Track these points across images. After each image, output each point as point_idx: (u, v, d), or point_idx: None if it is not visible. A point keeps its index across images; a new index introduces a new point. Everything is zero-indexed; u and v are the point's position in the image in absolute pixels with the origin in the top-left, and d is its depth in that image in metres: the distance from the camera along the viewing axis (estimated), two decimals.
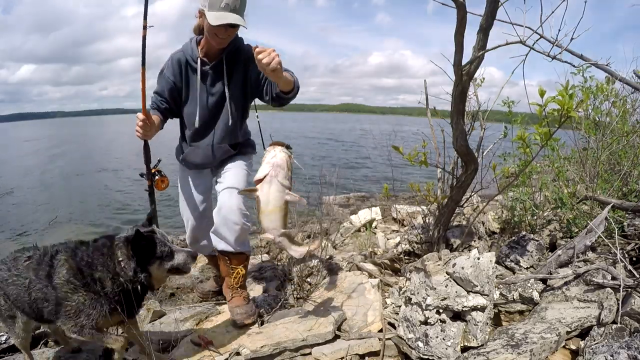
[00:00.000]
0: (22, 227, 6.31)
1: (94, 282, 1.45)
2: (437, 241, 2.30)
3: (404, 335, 1.54)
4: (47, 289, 1.45)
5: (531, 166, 2.49)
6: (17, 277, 1.50)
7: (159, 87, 2.03)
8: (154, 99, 2.04)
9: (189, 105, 2.02)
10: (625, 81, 2.09)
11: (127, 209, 7.70)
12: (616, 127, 2.64)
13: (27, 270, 1.49)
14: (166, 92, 2.00)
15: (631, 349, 1.13)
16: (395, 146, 2.14)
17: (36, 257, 1.51)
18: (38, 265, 1.49)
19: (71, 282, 1.44)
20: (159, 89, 2.02)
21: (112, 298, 1.47)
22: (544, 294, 1.74)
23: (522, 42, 1.66)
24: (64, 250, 1.50)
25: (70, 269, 1.45)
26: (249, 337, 1.77)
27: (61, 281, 1.44)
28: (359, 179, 9.42)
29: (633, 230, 2.08)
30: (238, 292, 1.99)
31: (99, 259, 1.47)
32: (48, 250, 1.53)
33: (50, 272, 1.46)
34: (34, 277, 1.47)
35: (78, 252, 1.49)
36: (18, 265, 1.52)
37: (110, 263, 1.47)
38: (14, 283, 1.50)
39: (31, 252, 1.55)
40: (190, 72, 1.97)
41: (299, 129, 36.00)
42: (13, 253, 1.58)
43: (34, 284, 1.47)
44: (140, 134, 1.82)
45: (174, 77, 1.98)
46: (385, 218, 3.88)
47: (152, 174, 2.06)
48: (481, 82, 2.51)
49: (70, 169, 13.36)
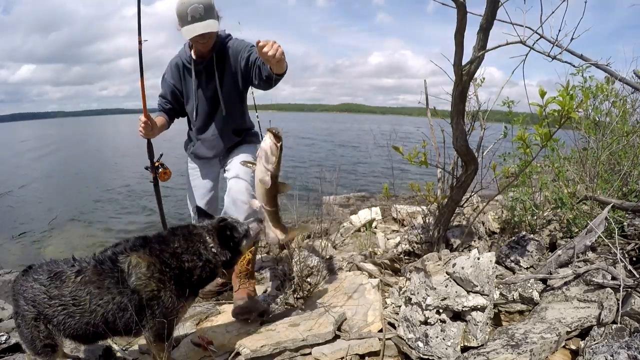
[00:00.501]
0: (21, 227, 6.30)
1: (183, 273, 1.41)
2: (437, 241, 2.30)
3: (404, 335, 1.54)
4: (123, 297, 1.32)
5: (531, 166, 2.49)
6: (71, 296, 1.32)
7: (162, 90, 2.27)
8: (159, 102, 2.30)
9: (189, 103, 2.23)
10: (625, 81, 2.09)
11: (127, 208, 7.70)
12: (616, 127, 2.64)
13: (85, 286, 1.32)
14: (169, 95, 2.25)
15: (631, 349, 1.13)
16: (395, 146, 2.14)
17: (91, 269, 1.35)
18: (99, 276, 1.34)
19: (155, 278, 1.35)
20: (163, 93, 2.27)
21: (196, 284, 1.47)
22: (544, 294, 1.74)
23: (522, 42, 1.66)
24: (129, 250, 1.39)
25: (152, 264, 1.36)
26: (249, 336, 1.76)
27: (142, 281, 1.34)
28: (359, 178, 9.42)
29: (633, 230, 2.08)
30: (245, 283, 2.06)
31: (189, 248, 1.43)
32: (101, 258, 1.39)
33: (122, 277, 1.33)
34: (97, 290, 1.32)
35: (154, 247, 1.41)
36: (67, 281, 1.33)
37: (203, 251, 1.45)
38: (62, 304, 1.32)
39: (76, 265, 1.37)
40: (187, 73, 2.18)
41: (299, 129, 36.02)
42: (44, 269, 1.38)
43: (99, 298, 1.32)
44: (143, 134, 2.06)
45: (173, 80, 2.21)
46: (385, 218, 3.88)
47: (155, 167, 2.27)
48: (481, 82, 2.51)
49: (69, 168, 13.36)
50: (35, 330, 1.34)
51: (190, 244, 1.45)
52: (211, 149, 2.28)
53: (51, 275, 1.35)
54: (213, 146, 2.27)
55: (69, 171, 12.68)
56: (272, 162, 1.49)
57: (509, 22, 1.67)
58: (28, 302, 1.34)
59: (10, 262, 4.42)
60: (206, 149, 2.29)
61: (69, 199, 8.64)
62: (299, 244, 2.81)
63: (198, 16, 1.87)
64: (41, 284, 1.34)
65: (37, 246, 5.33)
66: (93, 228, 6.35)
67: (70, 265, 1.38)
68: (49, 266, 1.40)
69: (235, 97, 2.21)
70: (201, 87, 2.16)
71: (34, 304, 1.33)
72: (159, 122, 2.16)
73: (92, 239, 5.68)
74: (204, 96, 2.18)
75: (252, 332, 1.82)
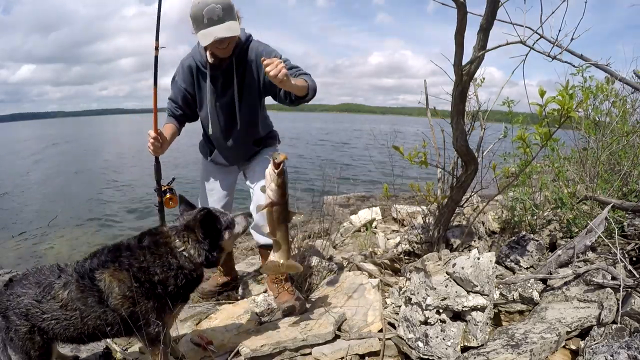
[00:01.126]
0: (21, 227, 6.30)
1: (155, 286, 1.33)
2: (437, 241, 2.30)
3: (404, 335, 1.54)
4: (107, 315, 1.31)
5: (531, 166, 2.49)
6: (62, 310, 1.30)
7: (172, 93, 2.06)
8: (169, 106, 2.08)
9: (203, 111, 2.04)
10: (625, 81, 2.09)
11: (127, 207, 7.70)
12: (616, 127, 2.64)
13: (73, 302, 1.31)
14: (180, 99, 2.03)
15: (631, 349, 1.13)
16: (395, 146, 2.14)
17: (74, 284, 1.32)
18: (82, 293, 1.31)
19: (127, 297, 1.30)
20: (173, 96, 2.05)
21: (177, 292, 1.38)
22: (544, 294, 1.74)
23: (522, 42, 1.66)
24: (102, 266, 1.33)
25: (122, 282, 1.30)
26: (249, 336, 1.76)
27: (118, 300, 1.30)
28: (359, 178, 9.42)
29: (633, 230, 2.08)
30: (284, 286, 2.03)
31: (156, 260, 1.35)
32: (81, 272, 1.34)
33: (101, 296, 1.30)
34: (84, 307, 1.30)
35: (123, 260, 1.33)
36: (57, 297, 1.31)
37: (171, 260, 1.36)
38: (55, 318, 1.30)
39: (62, 277, 1.34)
40: (201, 78, 1.96)
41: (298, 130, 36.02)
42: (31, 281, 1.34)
43: (87, 314, 1.31)
44: (151, 150, 1.85)
45: (185, 84, 1.99)
46: (385, 218, 3.88)
47: (163, 191, 2.01)
48: (481, 82, 2.51)
49: (69, 168, 13.35)
50: (30, 342, 1.33)
51: (157, 256, 1.35)
52: (230, 159, 2.17)
53: (41, 289, 1.32)
54: (230, 156, 2.16)
55: (69, 171, 12.67)
56: (272, 189, 1.46)
57: (509, 22, 1.67)
58: (20, 317, 1.32)
59: (10, 262, 4.42)
60: (224, 159, 2.18)
61: (68, 198, 8.63)
62: (299, 244, 2.81)
63: (216, 18, 1.65)
64: (32, 298, 1.31)
65: (36, 246, 5.33)
66: (93, 228, 6.35)
67: (57, 277, 1.35)
68: (35, 278, 1.36)
69: (255, 106, 2.02)
70: (217, 94, 1.95)
71: (27, 317, 1.31)
72: (168, 133, 1.96)
73: (92, 239, 5.68)
74: (220, 105, 1.98)
75: (252, 331, 1.82)
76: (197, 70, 1.95)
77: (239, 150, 2.12)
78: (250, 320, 1.96)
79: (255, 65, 1.90)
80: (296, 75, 1.81)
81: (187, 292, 1.46)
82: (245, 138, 2.07)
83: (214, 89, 1.94)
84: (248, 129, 2.04)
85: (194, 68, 1.95)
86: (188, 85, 1.99)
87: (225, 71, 1.91)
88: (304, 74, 1.85)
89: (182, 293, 1.43)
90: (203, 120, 2.08)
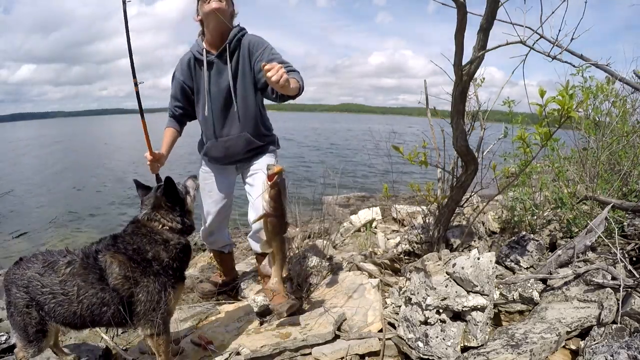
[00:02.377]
0: (21, 227, 6.31)
1: (150, 264, 1.43)
2: (437, 241, 2.30)
3: (404, 335, 1.54)
4: (105, 294, 1.38)
5: (531, 166, 2.49)
6: (60, 285, 1.37)
7: (172, 90, 2.14)
8: (170, 105, 2.16)
9: (200, 98, 2.08)
10: (625, 81, 2.09)
11: (127, 207, 7.70)
12: (616, 127, 2.64)
13: (73, 277, 1.38)
14: (179, 94, 2.11)
15: (631, 349, 1.13)
16: (395, 146, 2.14)
17: (79, 262, 1.41)
18: (84, 269, 1.39)
19: (128, 277, 1.39)
20: (173, 92, 2.13)
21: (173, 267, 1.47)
22: (544, 294, 1.74)
23: (522, 42, 1.66)
24: (105, 249, 1.44)
25: (122, 263, 1.40)
26: (248, 337, 1.77)
27: (119, 280, 1.38)
28: (359, 178, 9.42)
29: (633, 230, 2.08)
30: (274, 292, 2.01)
31: (142, 239, 1.45)
32: (87, 252, 1.44)
33: (102, 275, 1.39)
34: (83, 283, 1.38)
35: (120, 245, 1.44)
36: (58, 271, 1.39)
37: (155, 236, 1.46)
38: (52, 292, 1.37)
39: (68, 257, 1.43)
40: (198, 67, 2.04)
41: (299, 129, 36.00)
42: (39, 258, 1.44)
43: (85, 291, 1.37)
44: (151, 171, 2.01)
45: (183, 77, 2.07)
46: (385, 218, 3.88)
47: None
48: (481, 82, 2.51)
49: (69, 167, 13.36)
50: (27, 316, 1.39)
51: (142, 236, 1.46)
52: (225, 150, 2.10)
53: (45, 264, 1.41)
54: (227, 147, 2.09)
55: (69, 170, 12.68)
56: (266, 201, 1.48)
57: (509, 22, 1.67)
58: (20, 289, 1.39)
59: (10, 262, 4.42)
60: (220, 151, 2.12)
61: (68, 198, 8.64)
62: (299, 245, 2.81)
63: None
64: (35, 272, 1.40)
65: (37, 246, 5.33)
66: (92, 228, 6.35)
67: (63, 256, 1.44)
68: (44, 256, 1.45)
69: (251, 94, 2.03)
70: (212, 80, 2.01)
71: (27, 290, 1.38)
72: (167, 138, 2.09)
73: (91, 238, 5.68)
74: (217, 90, 2.02)
75: (252, 332, 1.82)
76: (194, 60, 2.04)
77: (236, 141, 2.08)
78: (250, 321, 1.96)
79: (248, 54, 1.97)
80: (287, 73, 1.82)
81: (182, 266, 1.53)
82: (242, 127, 2.05)
83: (210, 73, 2.01)
84: (244, 115, 2.04)
85: (192, 59, 2.04)
86: (186, 77, 2.07)
87: (219, 57, 1.98)
88: (294, 71, 1.87)
89: (178, 268, 1.50)
90: (200, 108, 2.09)
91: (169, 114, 2.17)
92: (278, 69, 1.51)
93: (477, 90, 2.50)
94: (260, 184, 1.81)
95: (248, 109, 2.04)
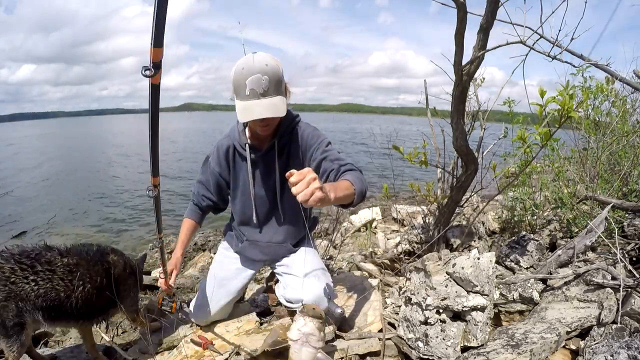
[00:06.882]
0: (21, 227, 6.31)
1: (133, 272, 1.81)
2: (437, 241, 2.30)
3: (404, 335, 1.54)
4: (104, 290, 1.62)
5: (531, 166, 2.49)
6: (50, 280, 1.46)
7: (203, 176, 1.81)
8: (197, 192, 1.82)
9: (240, 199, 1.77)
10: (625, 81, 2.10)
11: (127, 206, 7.70)
12: (616, 127, 2.64)
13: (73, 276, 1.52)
14: (212, 186, 1.79)
15: (631, 349, 1.13)
16: (395, 146, 2.14)
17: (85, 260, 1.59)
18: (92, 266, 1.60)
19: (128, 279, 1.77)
20: (204, 179, 1.80)
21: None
22: (544, 294, 1.74)
23: (522, 42, 1.66)
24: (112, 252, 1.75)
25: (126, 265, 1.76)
26: (248, 337, 1.76)
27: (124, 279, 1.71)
28: None
29: (633, 230, 2.08)
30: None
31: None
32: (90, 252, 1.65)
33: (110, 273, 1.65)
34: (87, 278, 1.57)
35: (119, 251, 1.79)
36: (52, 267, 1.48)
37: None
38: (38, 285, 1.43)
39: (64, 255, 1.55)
40: (239, 160, 1.72)
41: None
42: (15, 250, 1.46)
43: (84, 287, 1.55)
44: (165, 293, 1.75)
45: (219, 168, 1.75)
46: (385, 218, 3.88)
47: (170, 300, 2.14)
48: (481, 82, 2.51)
49: (68, 167, 13.36)
50: (4, 310, 1.38)
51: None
52: (263, 255, 1.85)
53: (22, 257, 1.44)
54: (266, 253, 1.84)
55: (69, 170, 12.68)
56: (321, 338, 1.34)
57: (509, 22, 1.68)
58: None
59: None
60: (255, 254, 1.85)
61: (68, 198, 8.64)
62: None
63: (260, 91, 1.39)
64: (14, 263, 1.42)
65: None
66: (92, 227, 6.36)
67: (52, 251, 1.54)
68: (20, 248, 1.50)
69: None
70: (259, 181, 1.70)
71: (6, 282, 1.38)
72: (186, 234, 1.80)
73: (91, 238, 5.68)
74: (261, 192, 1.72)
75: (252, 332, 1.82)
76: (234, 152, 1.71)
77: (278, 249, 1.82)
78: (250, 321, 1.95)
79: (302, 153, 1.64)
80: (337, 175, 1.43)
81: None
82: (286, 236, 1.80)
83: (255, 173, 1.69)
84: (290, 226, 1.77)
85: (231, 149, 1.71)
86: (222, 169, 1.75)
87: (265, 155, 1.66)
88: (349, 170, 1.44)
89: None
90: (242, 209, 1.79)
91: (193, 200, 1.84)
92: (308, 183, 1.01)
93: (477, 90, 2.50)
94: (298, 262, 1.73)
95: (296, 214, 1.75)
